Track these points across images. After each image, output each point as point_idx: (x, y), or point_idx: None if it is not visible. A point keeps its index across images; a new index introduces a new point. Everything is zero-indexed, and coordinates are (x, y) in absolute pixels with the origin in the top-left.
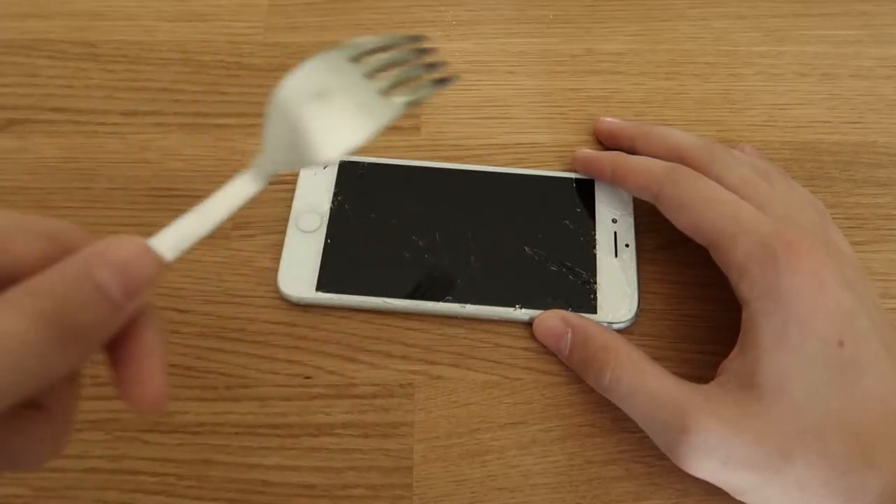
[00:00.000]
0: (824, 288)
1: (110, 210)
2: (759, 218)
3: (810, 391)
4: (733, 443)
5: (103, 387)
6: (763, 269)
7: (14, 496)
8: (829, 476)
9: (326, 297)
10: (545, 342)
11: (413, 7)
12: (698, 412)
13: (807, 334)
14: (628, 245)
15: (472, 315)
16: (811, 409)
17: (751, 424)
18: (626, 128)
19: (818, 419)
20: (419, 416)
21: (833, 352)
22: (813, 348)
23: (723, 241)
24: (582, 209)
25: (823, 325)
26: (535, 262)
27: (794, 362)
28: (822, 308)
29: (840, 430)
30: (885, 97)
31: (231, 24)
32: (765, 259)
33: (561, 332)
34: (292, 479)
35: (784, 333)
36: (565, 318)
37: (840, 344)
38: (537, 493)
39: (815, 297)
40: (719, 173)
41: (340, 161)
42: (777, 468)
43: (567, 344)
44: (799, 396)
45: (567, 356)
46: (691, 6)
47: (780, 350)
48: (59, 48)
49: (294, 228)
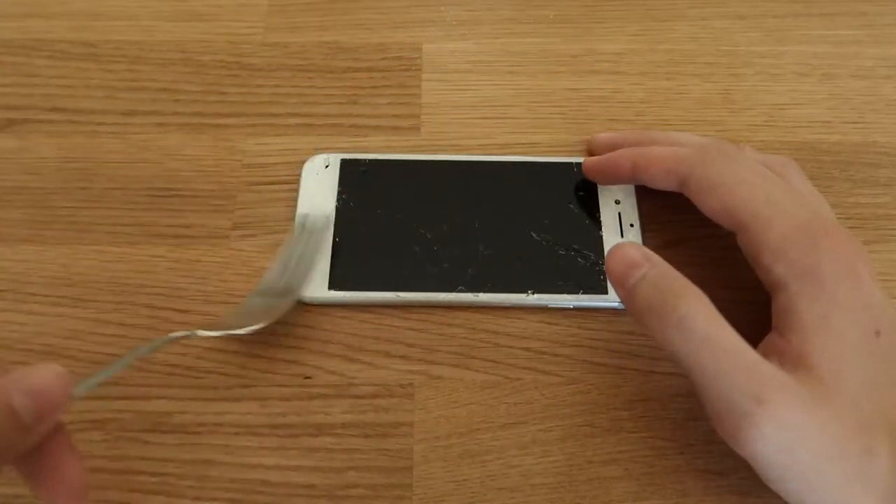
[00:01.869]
0: (860, 278)
1: (110, 210)
2: (796, 202)
3: (864, 382)
4: (805, 424)
5: (103, 386)
6: (802, 253)
7: (14, 496)
8: (874, 477)
9: (339, 295)
10: (615, 268)
11: (413, 7)
12: (776, 384)
13: (848, 321)
14: (633, 225)
15: (486, 303)
16: (867, 402)
17: (819, 409)
18: (627, 137)
19: (870, 415)
20: (419, 416)
21: (872, 341)
22: (856, 337)
23: (756, 223)
24: (585, 193)
25: (862, 314)
26: (542, 247)
27: (844, 349)
28: (860, 297)
29: (890, 430)
30: (885, 97)
31: (231, 24)
32: (805, 242)
33: (638, 262)
34: (292, 479)
35: (828, 318)
36: (645, 252)
37: (877, 334)
38: (537, 493)
39: (854, 285)
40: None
41: (342, 159)
42: (833, 459)
43: (640, 275)
44: (855, 387)
45: (631, 287)
46: (691, 6)
47: (826, 334)
48: (59, 48)
49: (301, 228)
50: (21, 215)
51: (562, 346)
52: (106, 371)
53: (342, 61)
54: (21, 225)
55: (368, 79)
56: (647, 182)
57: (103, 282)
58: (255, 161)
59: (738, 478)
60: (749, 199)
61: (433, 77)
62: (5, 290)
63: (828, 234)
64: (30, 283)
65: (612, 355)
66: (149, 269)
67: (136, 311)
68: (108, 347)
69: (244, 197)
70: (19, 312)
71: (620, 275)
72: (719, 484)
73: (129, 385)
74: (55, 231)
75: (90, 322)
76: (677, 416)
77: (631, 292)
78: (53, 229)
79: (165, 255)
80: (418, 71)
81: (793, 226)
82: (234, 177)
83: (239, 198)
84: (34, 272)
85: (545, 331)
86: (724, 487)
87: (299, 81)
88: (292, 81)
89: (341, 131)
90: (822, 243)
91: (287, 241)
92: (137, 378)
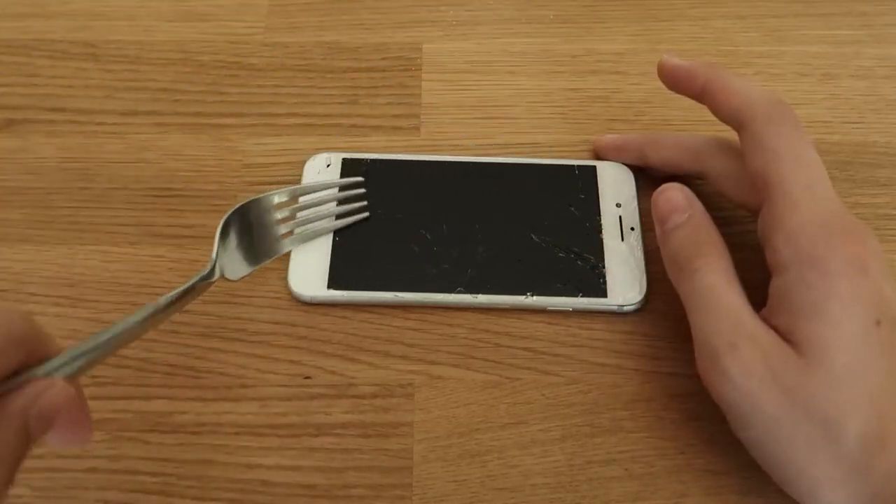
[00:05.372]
0: (869, 273)
1: (110, 210)
2: (832, 195)
3: (849, 365)
4: (767, 380)
5: (103, 386)
6: (812, 242)
7: (15, 496)
8: (841, 450)
9: (338, 294)
10: (659, 208)
11: (413, 7)
12: (754, 338)
13: (848, 312)
14: (633, 228)
15: (484, 305)
16: (849, 383)
17: (790, 372)
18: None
19: (849, 397)
20: (419, 416)
21: (872, 331)
22: (852, 325)
23: (784, 201)
24: (586, 195)
25: (863, 304)
26: (542, 249)
27: (834, 336)
28: (864, 289)
29: (867, 412)
30: (885, 97)
31: (231, 24)
32: (820, 234)
33: (682, 208)
34: (292, 479)
35: (824, 306)
36: (690, 199)
37: (877, 323)
38: (537, 493)
39: (859, 278)
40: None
41: (343, 158)
42: (798, 421)
43: (680, 220)
44: (838, 368)
45: (669, 228)
46: (691, 6)
47: (818, 320)
48: (59, 48)
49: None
50: (21, 215)
51: (562, 346)
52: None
53: (342, 61)
54: (21, 225)
55: (368, 79)
56: (709, 107)
57: (103, 282)
58: (255, 161)
59: (739, 477)
60: (788, 177)
61: (433, 77)
62: (5, 290)
63: (844, 231)
64: (30, 283)
65: (612, 355)
66: (149, 269)
67: None
68: None
69: (244, 197)
70: None
71: (663, 214)
72: (719, 483)
73: (129, 385)
74: (55, 231)
75: (90, 322)
76: (677, 416)
77: (667, 234)
78: (53, 229)
79: (165, 255)
80: (418, 71)
81: (815, 216)
82: (234, 177)
83: (239, 198)
84: (34, 272)
85: (545, 331)
86: (724, 487)
87: (299, 81)
88: (292, 81)
89: (341, 131)
90: (835, 239)
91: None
92: (137, 378)
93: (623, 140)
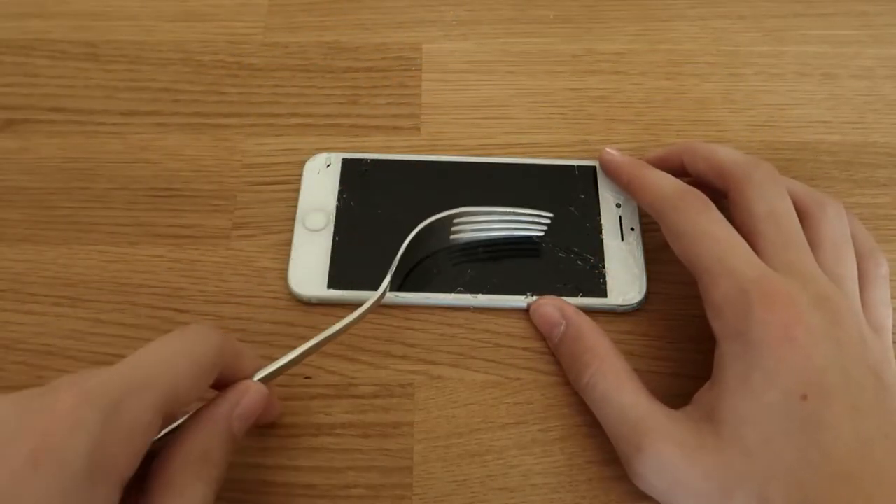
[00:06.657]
0: (795, 341)
1: (110, 210)
2: (749, 263)
3: (764, 439)
4: (682, 471)
5: None
6: (735, 314)
7: None
8: None
9: (338, 294)
10: (539, 327)
11: (413, 7)
12: (655, 435)
13: (770, 384)
14: (633, 228)
15: (484, 305)
16: (762, 457)
17: (703, 457)
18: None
19: (766, 468)
20: (419, 416)
21: (795, 405)
22: (773, 398)
23: (705, 278)
24: (586, 195)
25: (788, 377)
26: (542, 249)
27: (752, 408)
28: (788, 360)
29: (786, 483)
30: (885, 97)
31: (231, 24)
32: (739, 305)
33: (556, 322)
34: (292, 479)
35: (747, 378)
36: (562, 309)
37: (803, 398)
38: (537, 493)
39: (783, 348)
40: (751, 198)
41: (344, 158)
42: (725, 500)
43: (559, 334)
44: (752, 442)
45: (555, 345)
46: (691, 6)
47: (740, 393)
48: (59, 48)
49: (301, 227)
50: (21, 215)
51: None
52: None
53: (342, 61)
54: (21, 225)
55: (368, 79)
56: (637, 203)
57: (103, 282)
58: (255, 161)
59: None
60: (703, 255)
61: (433, 77)
62: (5, 290)
63: (766, 297)
64: (30, 283)
65: None
66: (149, 269)
67: (136, 311)
68: (108, 347)
69: (244, 197)
70: (19, 312)
71: (545, 334)
72: None
73: None
74: (55, 231)
75: (90, 322)
76: None
77: (554, 349)
78: (53, 229)
79: (165, 255)
80: (418, 71)
81: (734, 286)
82: (234, 177)
83: (239, 198)
84: (34, 272)
85: None
86: None
87: (299, 81)
88: (292, 81)
89: (341, 131)
90: (757, 306)
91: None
92: None
93: (666, 152)
